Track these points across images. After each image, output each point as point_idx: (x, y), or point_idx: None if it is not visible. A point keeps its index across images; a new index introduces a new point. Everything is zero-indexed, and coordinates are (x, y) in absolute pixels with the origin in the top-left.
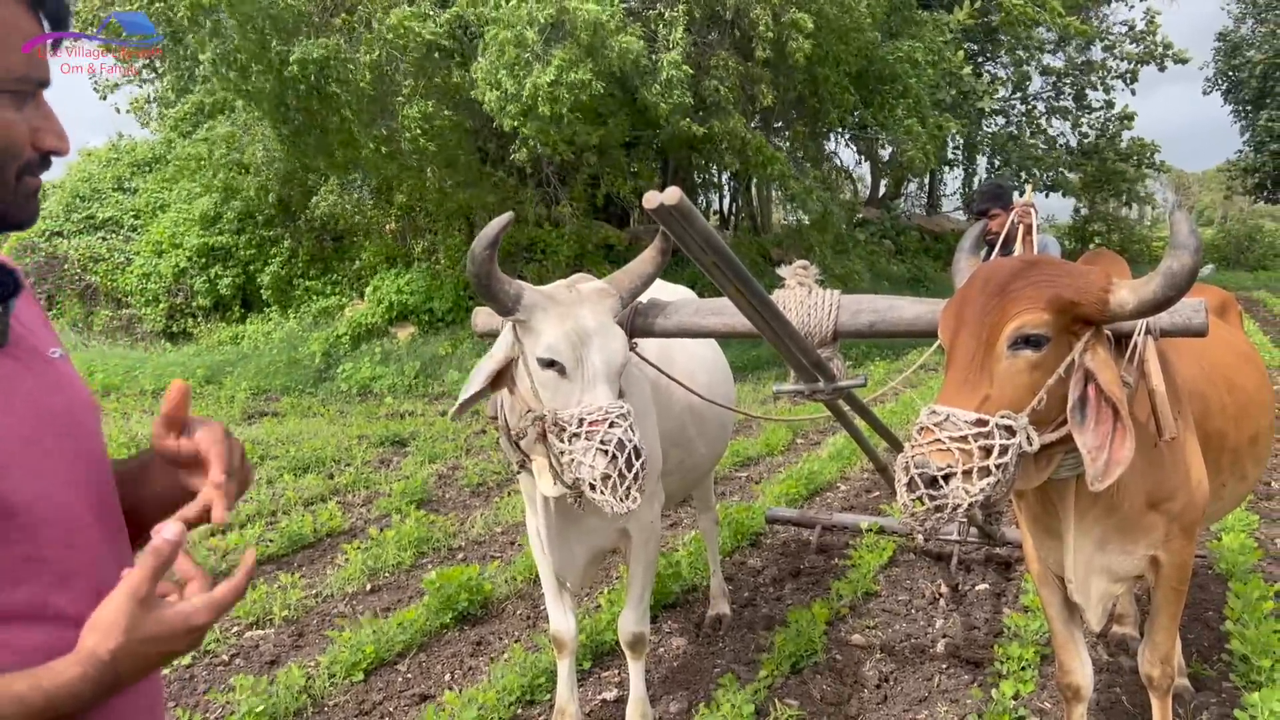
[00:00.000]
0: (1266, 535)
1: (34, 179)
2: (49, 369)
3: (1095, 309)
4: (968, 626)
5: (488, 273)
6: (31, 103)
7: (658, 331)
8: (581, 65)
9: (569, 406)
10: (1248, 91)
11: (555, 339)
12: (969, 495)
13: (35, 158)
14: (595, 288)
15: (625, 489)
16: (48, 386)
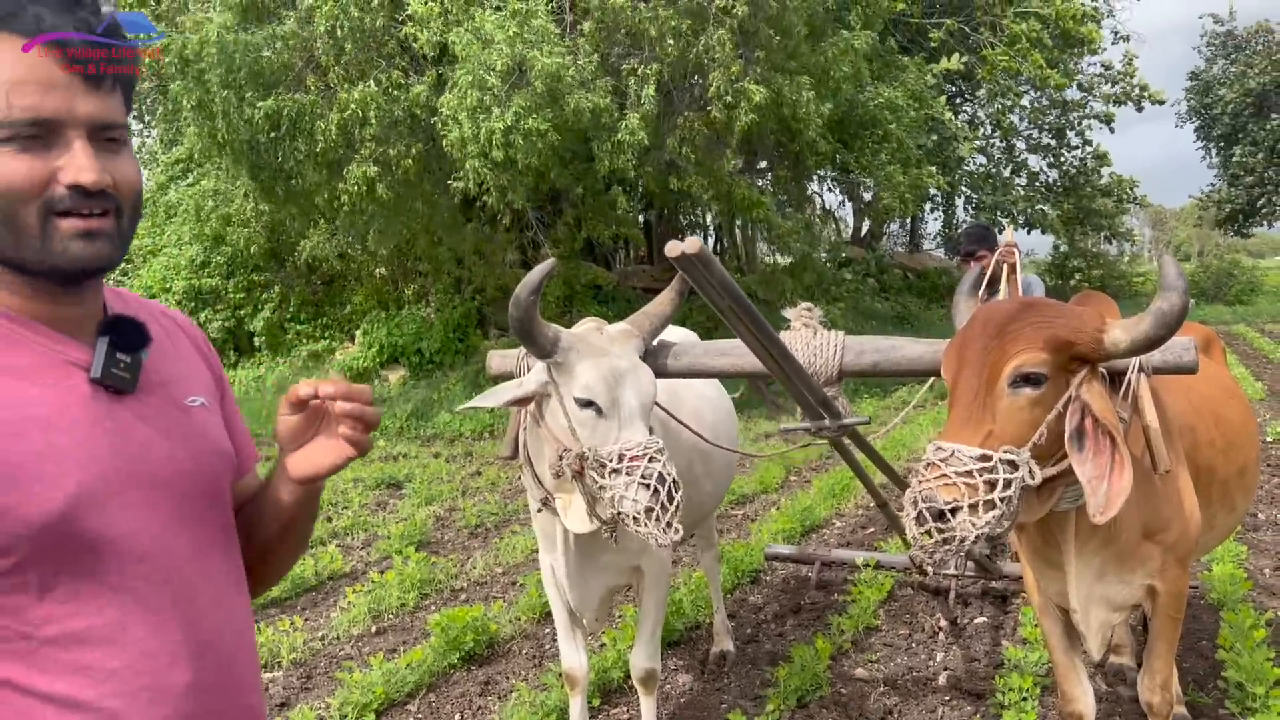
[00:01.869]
0: (1255, 566)
1: (71, 220)
2: (181, 416)
3: (1090, 348)
4: (968, 659)
5: (530, 318)
6: (59, 145)
7: (669, 372)
8: (539, 114)
9: (607, 444)
10: (1220, 128)
11: (593, 380)
12: (975, 528)
13: (64, 195)
14: (621, 330)
15: (667, 521)
16: (171, 431)
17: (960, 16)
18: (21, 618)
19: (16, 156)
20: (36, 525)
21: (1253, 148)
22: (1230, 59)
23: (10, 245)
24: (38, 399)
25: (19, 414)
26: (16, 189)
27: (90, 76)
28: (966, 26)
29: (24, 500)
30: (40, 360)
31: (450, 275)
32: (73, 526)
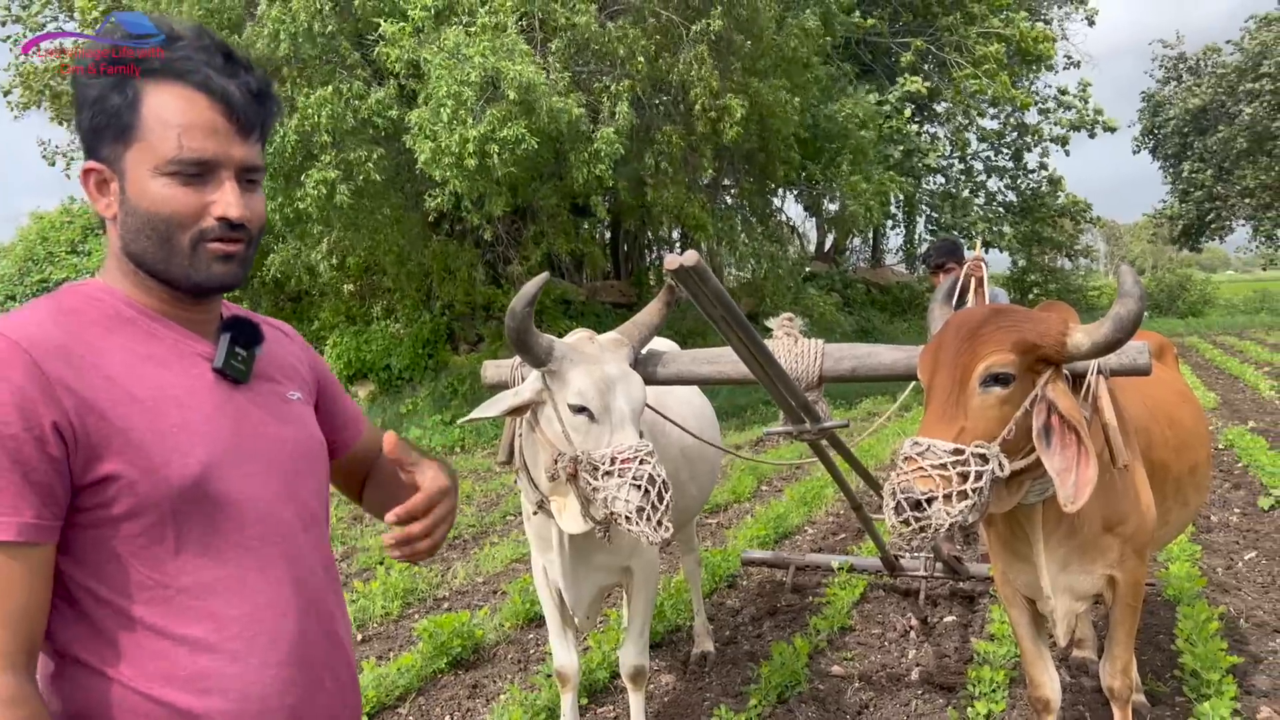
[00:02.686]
0: (1209, 565)
1: (215, 245)
2: (284, 406)
3: (1055, 350)
4: (939, 655)
5: (526, 328)
6: (213, 181)
7: (658, 379)
8: (515, 122)
9: (600, 448)
10: (1170, 146)
11: (585, 386)
12: (949, 516)
13: (213, 225)
14: (611, 338)
15: (658, 519)
16: (278, 418)
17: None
18: (160, 569)
19: (180, 188)
20: (175, 487)
21: (1200, 164)
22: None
23: (161, 260)
24: (173, 383)
25: (159, 394)
26: (179, 216)
27: (243, 127)
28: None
29: (165, 465)
30: (173, 351)
31: (419, 291)
32: (204, 489)
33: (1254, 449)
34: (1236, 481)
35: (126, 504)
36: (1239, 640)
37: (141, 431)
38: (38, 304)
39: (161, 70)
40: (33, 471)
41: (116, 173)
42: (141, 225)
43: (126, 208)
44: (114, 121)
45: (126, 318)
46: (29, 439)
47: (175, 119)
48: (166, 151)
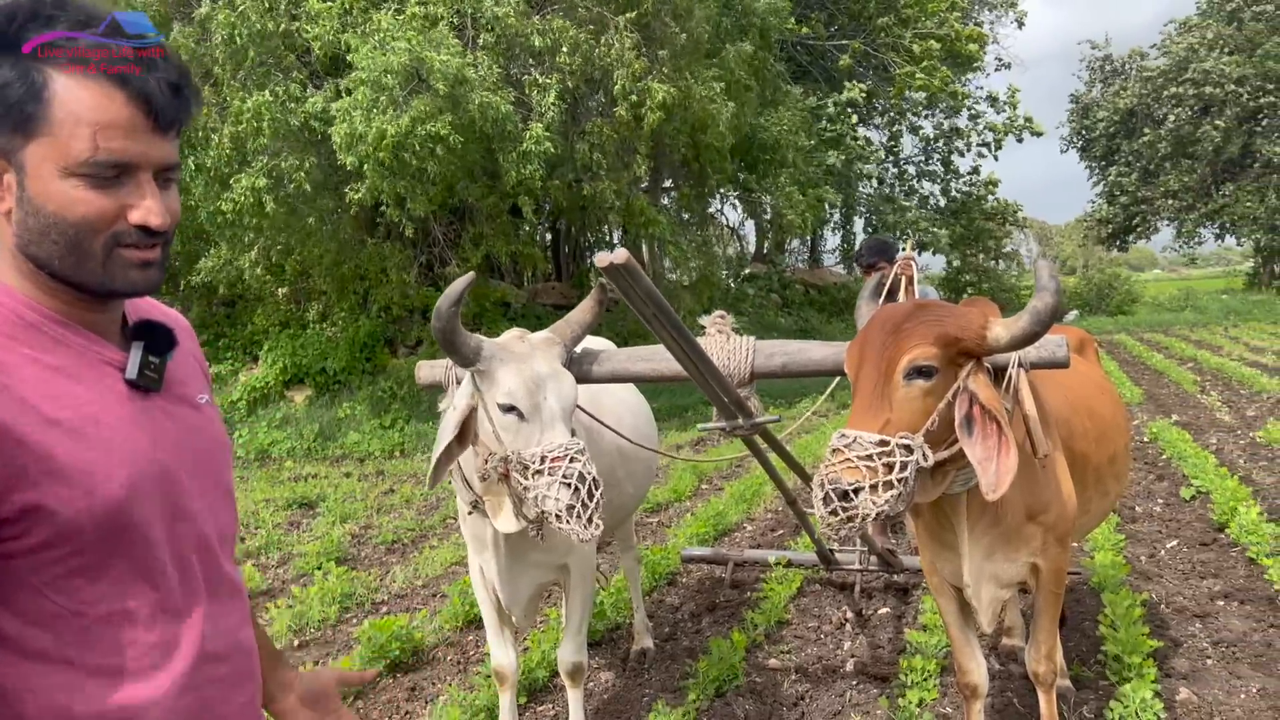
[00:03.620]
0: (1133, 554)
1: (132, 251)
2: (194, 414)
3: (975, 343)
4: (873, 646)
5: (452, 329)
6: (129, 183)
7: (593, 378)
8: (439, 118)
9: (530, 447)
10: (1098, 149)
11: (514, 386)
12: (875, 506)
13: (130, 230)
14: (543, 337)
15: (588, 517)
16: (190, 429)
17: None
18: (76, 598)
19: (91, 191)
20: (98, 516)
21: (1126, 168)
22: (1107, 82)
23: (71, 266)
24: (87, 398)
25: (76, 414)
26: (90, 222)
27: (161, 124)
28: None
29: (87, 493)
30: (82, 360)
31: (355, 294)
32: (126, 517)
33: (1178, 442)
34: (1160, 473)
35: (43, 534)
36: (1160, 625)
37: (62, 459)
38: None
39: (72, 60)
40: None
41: (13, 166)
42: (46, 228)
43: (27, 207)
44: (13, 111)
45: (29, 322)
46: None
47: (89, 115)
48: (79, 152)
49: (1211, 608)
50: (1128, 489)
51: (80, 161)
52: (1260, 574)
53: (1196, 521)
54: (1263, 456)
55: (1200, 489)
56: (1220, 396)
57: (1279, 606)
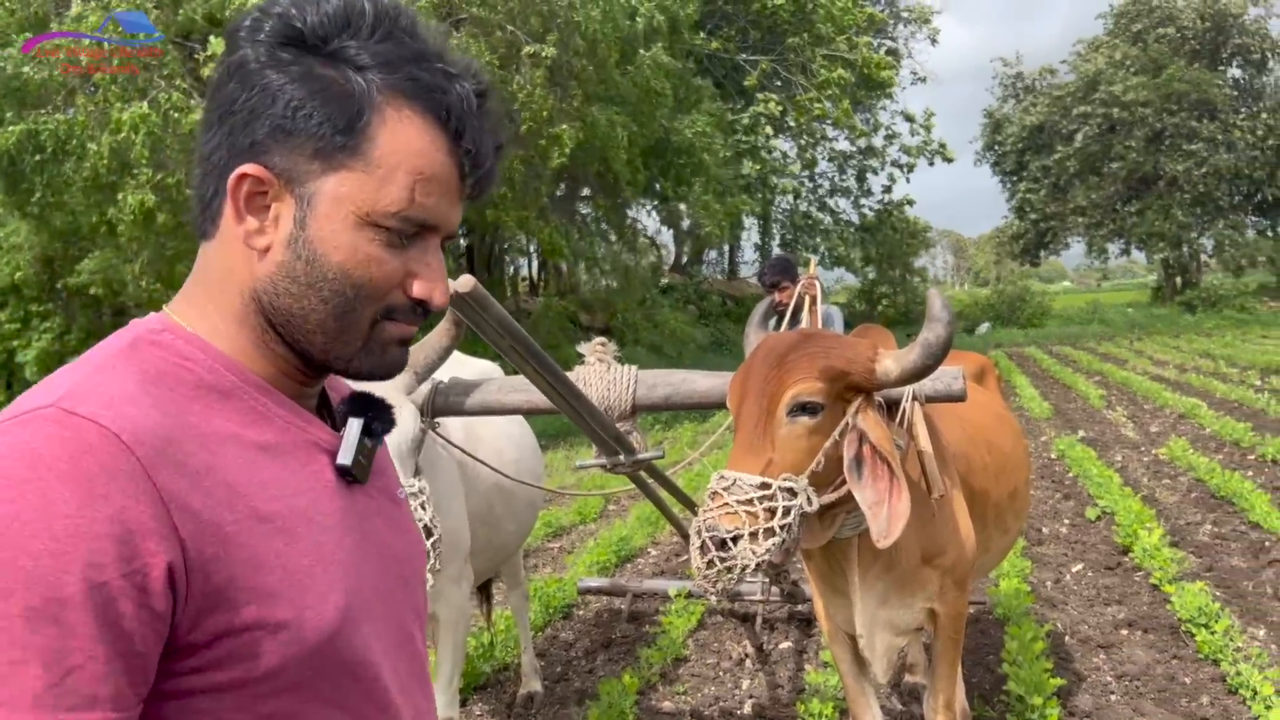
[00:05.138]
0: (1038, 579)
1: (399, 326)
2: (397, 511)
3: (864, 377)
4: (772, 686)
5: None
6: (417, 246)
7: (464, 410)
8: None
9: None
10: (1009, 164)
11: None
12: (755, 555)
13: (405, 304)
14: None
15: (428, 567)
16: (397, 529)
17: (773, 56)
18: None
19: (386, 250)
20: (311, 644)
21: (1035, 184)
22: (1018, 99)
23: (328, 332)
24: (295, 488)
25: (286, 506)
26: (375, 286)
27: (471, 191)
28: (780, 67)
29: (298, 616)
30: (286, 438)
31: None
32: (339, 644)
33: (1083, 459)
34: (1067, 492)
35: (238, 670)
36: (1064, 659)
37: (272, 568)
38: (111, 363)
39: (414, 92)
40: (124, 639)
41: (294, 196)
42: (318, 280)
43: (302, 249)
44: (325, 127)
45: (226, 389)
46: (128, 589)
47: (415, 163)
48: (392, 200)
49: (1116, 637)
50: (1034, 510)
51: (389, 213)
52: (1163, 601)
53: (1102, 544)
54: (1165, 474)
55: (1105, 509)
56: (1125, 411)
57: (1181, 637)
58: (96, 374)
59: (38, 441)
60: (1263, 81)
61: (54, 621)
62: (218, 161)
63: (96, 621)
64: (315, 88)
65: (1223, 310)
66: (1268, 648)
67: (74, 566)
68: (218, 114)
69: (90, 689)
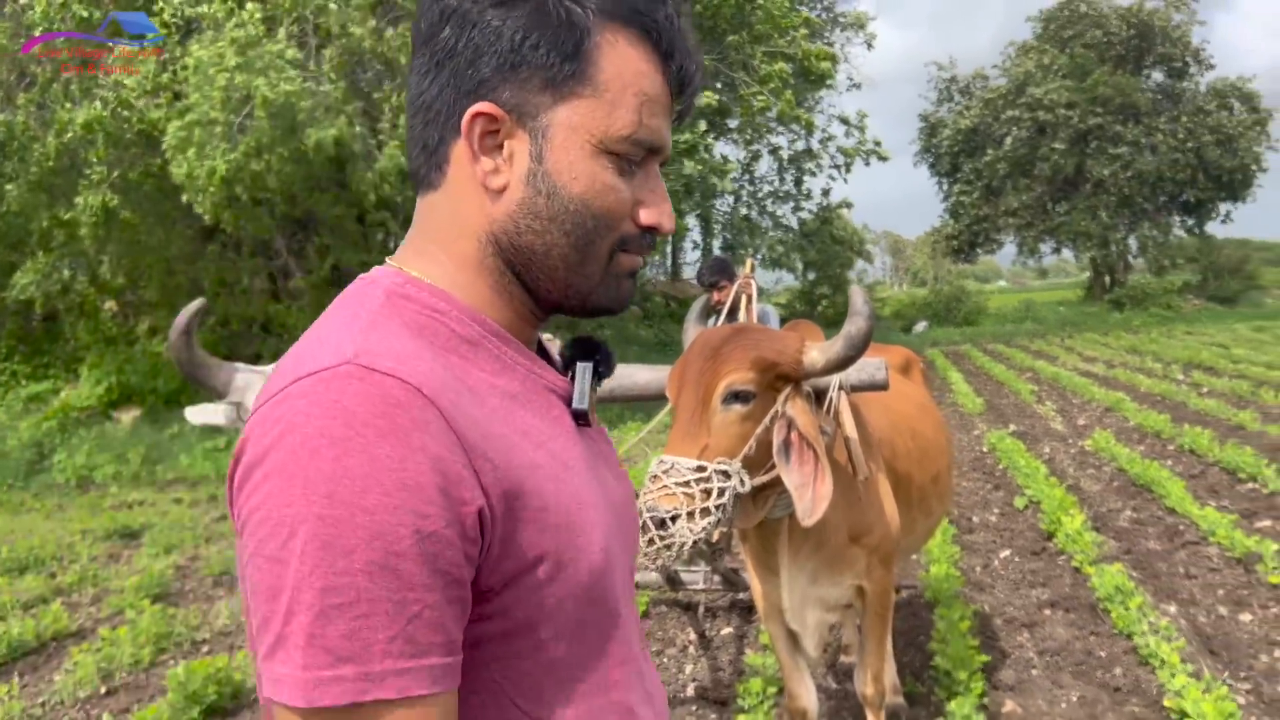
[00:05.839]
0: (968, 565)
1: (630, 257)
2: (612, 454)
3: (792, 367)
4: (714, 669)
5: (188, 360)
6: (641, 172)
7: None
8: (270, 152)
9: None
10: (944, 166)
11: None
12: (693, 533)
13: (636, 233)
14: None
15: None
16: (615, 473)
17: (715, 54)
18: (538, 699)
19: (620, 178)
20: (585, 585)
21: (968, 185)
22: (952, 101)
23: (570, 265)
24: (548, 434)
25: (547, 451)
26: (612, 215)
27: (679, 112)
28: (721, 64)
29: (577, 554)
30: (528, 386)
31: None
32: (605, 586)
33: (1013, 452)
34: (996, 483)
35: (523, 613)
36: (990, 637)
37: (551, 511)
38: (378, 319)
39: (628, 15)
40: (452, 585)
41: (528, 131)
42: (560, 213)
43: (542, 184)
44: (552, 56)
45: (474, 339)
46: (452, 537)
47: (641, 85)
48: (624, 124)
49: (1039, 617)
50: (965, 500)
51: (621, 136)
52: (1083, 582)
53: (1028, 531)
54: (1090, 464)
55: (1032, 498)
56: (1055, 406)
57: (1099, 614)
58: (373, 330)
59: (347, 399)
60: (1183, 87)
61: (393, 574)
62: (441, 107)
63: (428, 570)
64: (536, 20)
65: (1149, 308)
66: (1177, 622)
67: (405, 519)
68: (434, 60)
69: (428, 637)
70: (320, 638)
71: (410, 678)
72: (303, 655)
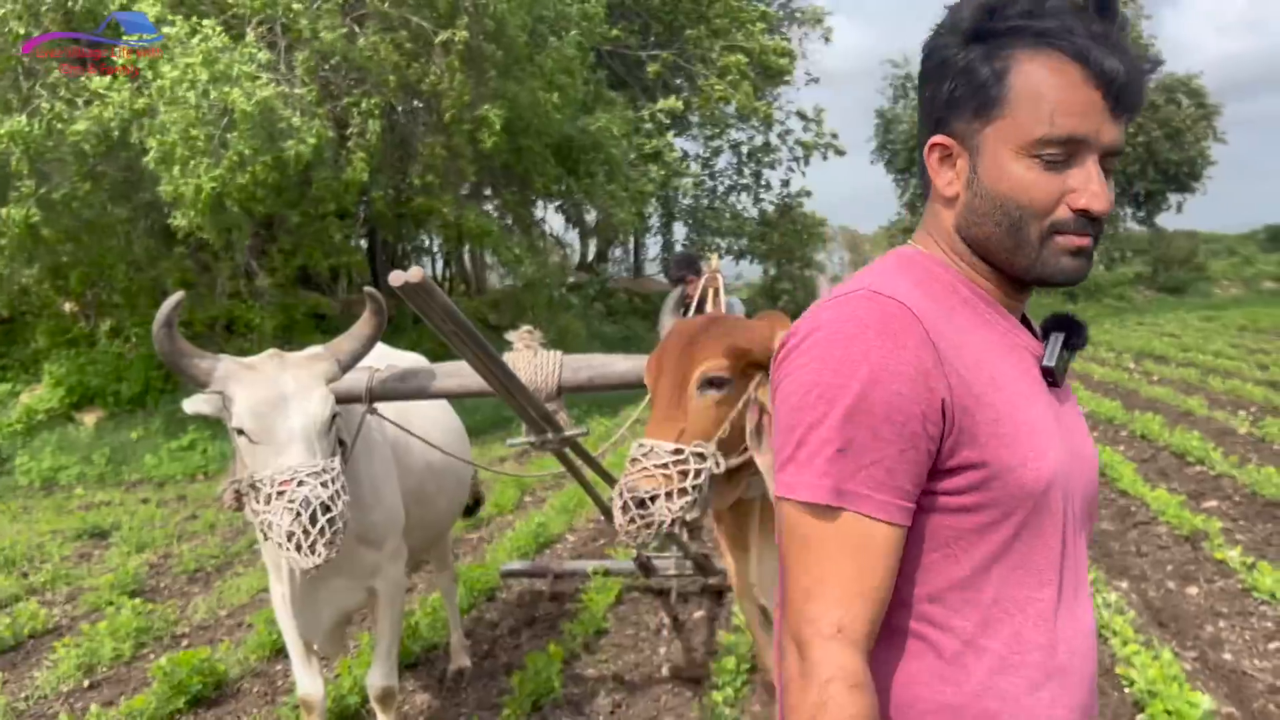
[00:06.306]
0: None
1: (1067, 238)
2: (1081, 422)
3: (763, 354)
4: (688, 650)
5: (173, 351)
6: (1074, 164)
7: (399, 395)
8: (253, 162)
9: (264, 470)
10: (900, 161)
11: (241, 408)
12: (671, 513)
13: (1068, 217)
14: (306, 353)
15: (310, 544)
16: (1082, 434)
17: (674, 49)
18: (976, 572)
19: (1042, 174)
20: (1024, 491)
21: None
22: (908, 98)
23: (1007, 249)
24: (1017, 375)
25: (1012, 384)
26: (1037, 205)
27: (1117, 107)
28: (680, 59)
29: (1020, 464)
30: (1005, 341)
31: (152, 307)
32: (1044, 500)
33: None
34: None
35: (969, 498)
36: None
37: (1005, 424)
38: (890, 269)
39: (1036, 38)
40: (914, 449)
41: (968, 149)
42: (991, 210)
43: (975, 189)
44: (978, 94)
45: (964, 296)
46: (917, 413)
47: (1049, 94)
48: (1035, 130)
49: None
50: None
51: (1035, 140)
52: None
53: None
54: None
55: None
56: None
57: None
58: (885, 275)
59: (859, 311)
60: None
61: (870, 429)
62: (922, 141)
63: (896, 432)
64: (964, 66)
65: (1102, 299)
66: (1129, 596)
67: (881, 391)
68: (919, 113)
69: (887, 480)
70: (814, 460)
71: (869, 503)
72: (801, 470)
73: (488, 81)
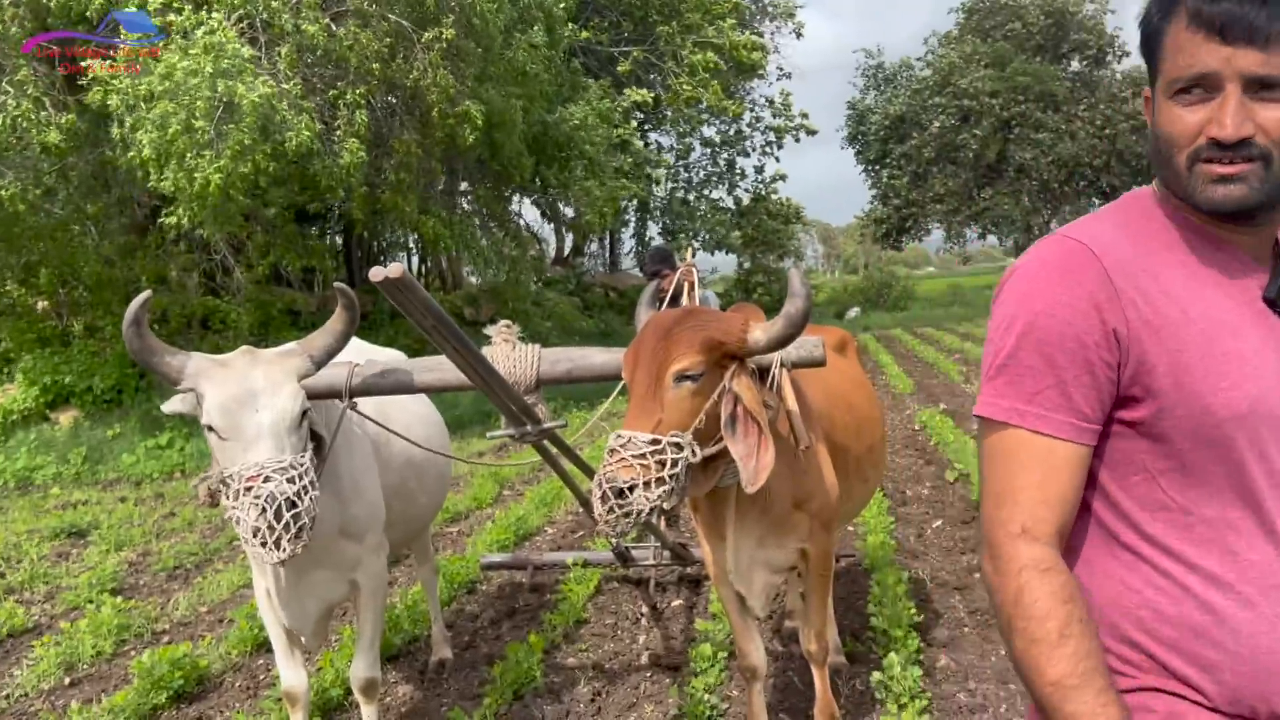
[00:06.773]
0: (903, 534)
1: (1208, 166)
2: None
3: (737, 346)
4: (666, 638)
5: (141, 349)
6: (1214, 101)
7: (379, 390)
8: (253, 153)
9: (234, 465)
10: (872, 152)
11: (210, 405)
12: (649, 501)
13: (1204, 146)
14: (279, 350)
15: (275, 539)
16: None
17: (645, 45)
18: (1182, 493)
19: (1181, 110)
20: (1217, 418)
21: (898, 170)
22: (880, 90)
23: (1170, 181)
24: (1224, 307)
25: (1212, 318)
26: (1173, 139)
27: (1241, 36)
28: (651, 56)
29: (1211, 392)
30: (1224, 273)
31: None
32: (1246, 425)
33: (943, 428)
34: (928, 458)
35: (1160, 424)
36: (924, 599)
37: (1191, 354)
38: (1104, 211)
39: (1173, 10)
40: (1089, 374)
41: (1155, 98)
42: (1157, 148)
43: (1152, 130)
44: (1150, 58)
45: (1178, 233)
46: (1090, 343)
47: (1174, 45)
48: (1169, 75)
49: (970, 580)
50: (899, 474)
51: (1169, 83)
52: None
53: (959, 501)
54: None
55: (962, 471)
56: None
57: None
58: (1092, 218)
59: (1045, 253)
60: (1099, 75)
61: (1047, 356)
62: None
63: (1070, 359)
64: (1145, 35)
65: None
66: None
67: (1053, 322)
68: None
69: (1062, 401)
70: (995, 382)
71: (1046, 421)
72: (990, 388)
73: (468, 78)
